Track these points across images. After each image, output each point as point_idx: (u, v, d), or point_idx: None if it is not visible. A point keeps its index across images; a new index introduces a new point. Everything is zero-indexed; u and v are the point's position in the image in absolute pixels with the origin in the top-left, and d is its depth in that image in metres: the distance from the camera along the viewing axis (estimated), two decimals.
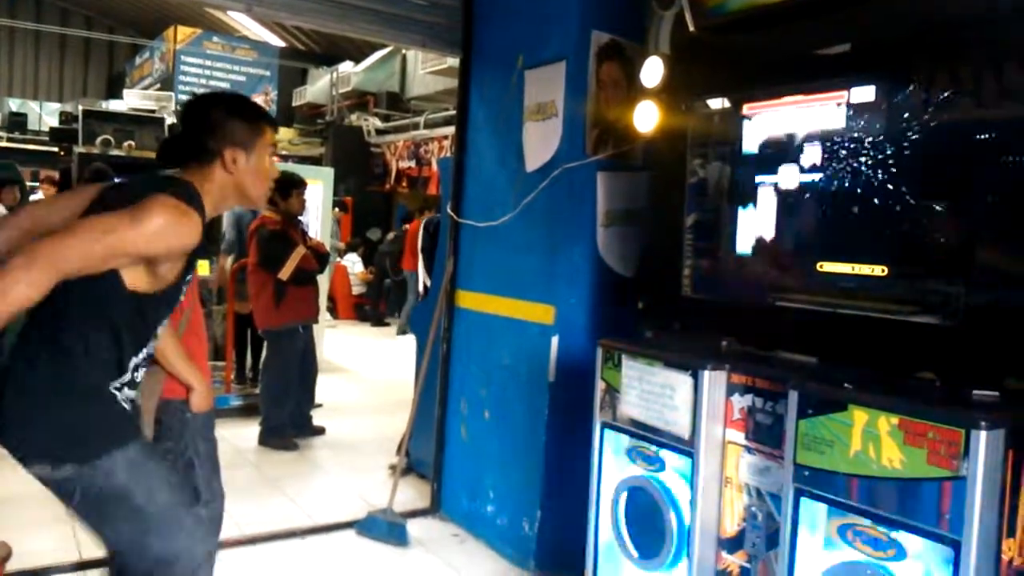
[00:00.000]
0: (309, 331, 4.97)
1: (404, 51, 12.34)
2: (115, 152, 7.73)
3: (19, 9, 19.30)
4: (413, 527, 3.57)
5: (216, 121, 1.83)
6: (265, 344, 5.10)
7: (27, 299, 1.51)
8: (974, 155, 1.87)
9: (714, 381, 2.24)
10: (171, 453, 2.27)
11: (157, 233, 1.63)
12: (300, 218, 5.04)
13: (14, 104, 17.24)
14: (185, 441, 2.32)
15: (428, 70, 11.24)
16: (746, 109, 2.39)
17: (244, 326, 5.76)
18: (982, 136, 1.86)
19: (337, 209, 10.98)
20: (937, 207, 1.95)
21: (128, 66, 18.82)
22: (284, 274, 4.63)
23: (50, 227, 1.85)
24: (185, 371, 2.22)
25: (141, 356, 1.83)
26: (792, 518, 1.94)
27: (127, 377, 1.80)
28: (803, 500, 1.92)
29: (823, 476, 1.86)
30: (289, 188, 4.79)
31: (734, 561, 2.24)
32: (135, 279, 1.70)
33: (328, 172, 8.10)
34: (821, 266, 2.17)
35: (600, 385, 2.58)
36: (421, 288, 8.57)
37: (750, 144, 2.38)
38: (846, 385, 1.87)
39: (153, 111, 9.42)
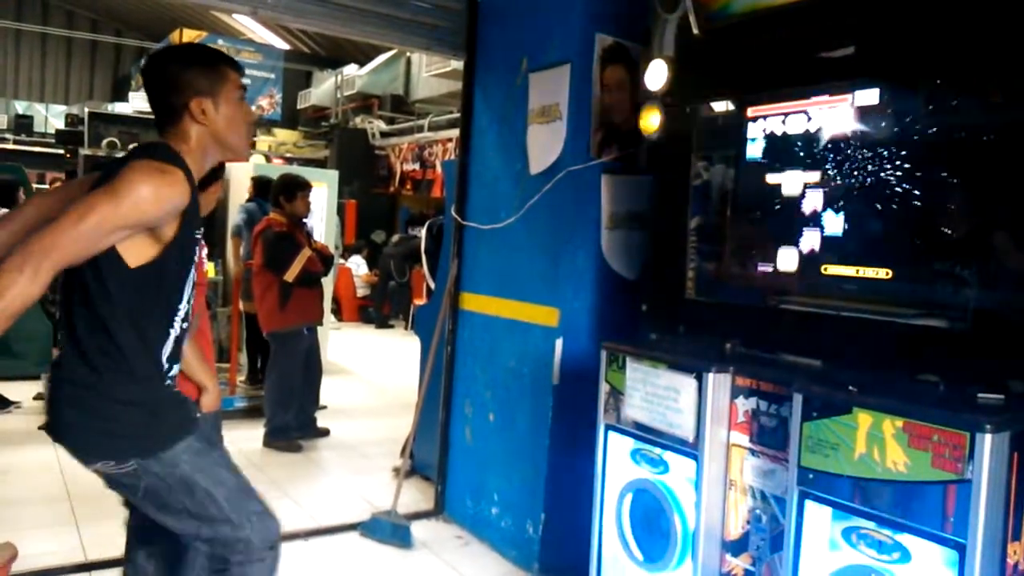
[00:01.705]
0: (314, 333, 4.98)
1: (408, 54, 12.34)
2: (121, 154, 7.76)
3: (25, 11, 19.37)
4: (417, 529, 3.57)
5: (174, 75, 1.76)
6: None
7: (28, 296, 1.49)
8: (979, 158, 1.87)
9: (718, 384, 2.23)
10: None
11: (143, 199, 1.59)
12: (305, 220, 5.05)
13: (20, 106, 17.31)
14: None
15: (432, 73, 11.24)
16: (750, 112, 2.39)
17: (255, 326, 5.79)
18: (987, 139, 1.86)
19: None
20: (942, 210, 1.95)
21: (134, 69, 18.87)
22: (290, 276, 4.64)
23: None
24: (199, 371, 2.23)
25: (176, 325, 1.80)
26: (796, 521, 1.93)
27: (169, 350, 1.79)
28: (807, 503, 1.92)
29: (827, 479, 1.86)
30: (294, 190, 4.79)
31: (738, 564, 2.23)
32: (136, 254, 1.67)
33: (333, 175, 8.12)
34: (825, 269, 2.17)
35: (604, 387, 2.58)
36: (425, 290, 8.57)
37: (754, 147, 2.38)
38: (850, 388, 1.86)
39: None
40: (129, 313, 1.70)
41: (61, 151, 11.98)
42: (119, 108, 12.05)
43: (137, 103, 11.69)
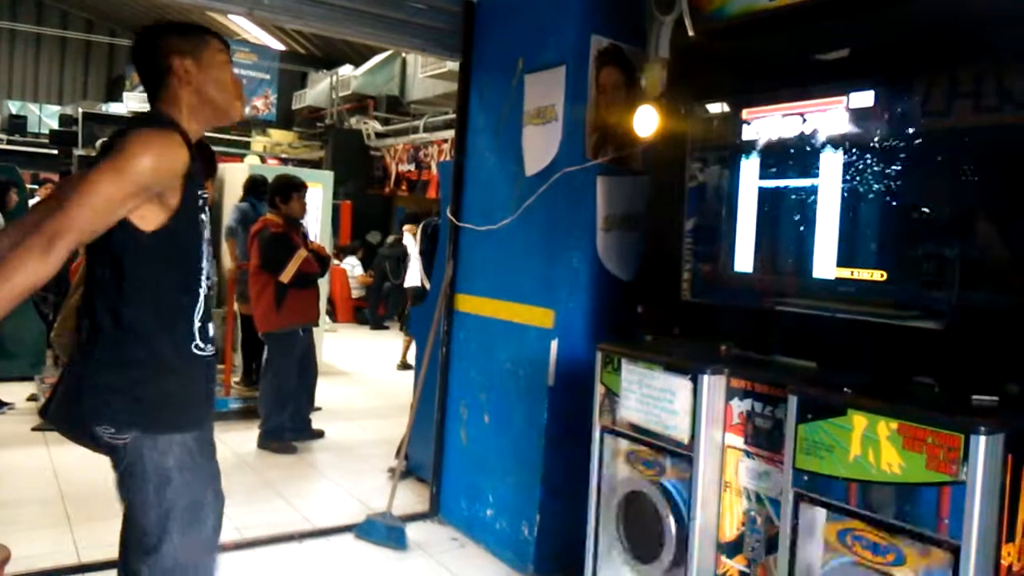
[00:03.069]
0: (309, 334, 4.97)
1: (404, 55, 12.34)
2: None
3: (20, 11, 19.30)
4: (412, 531, 3.56)
5: (154, 42, 1.81)
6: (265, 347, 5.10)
7: (41, 276, 1.51)
8: (973, 161, 1.88)
9: (713, 385, 2.24)
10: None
11: (146, 167, 1.61)
12: (301, 221, 5.05)
13: (14, 106, 17.22)
14: None
15: (428, 74, 11.24)
16: (745, 114, 2.40)
17: (250, 327, 5.80)
18: (982, 141, 1.86)
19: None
20: (936, 213, 1.96)
21: (128, 69, 18.78)
22: (285, 277, 4.64)
23: None
24: None
25: (204, 284, 1.81)
26: (791, 522, 1.94)
27: (201, 311, 1.80)
28: (802, 504, 1.92)
29: (822, 481, 1.86)
30: (289, 191, 4.79)
31: (733, 565, 2.24)
32: (150, 220, 1.68)
33: (328, 175, 8.11)
34: (821, 270, 2.17)
35: (599, 389, 2.58)
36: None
37: (749, 149, 2.39)
38: (845, 390, 1.87)
39: None
40: (156, 283, 1.71)
41: (55, 151, 11.94)
42: (113, 108, 12.02)
43: (131, 103, 11.66)
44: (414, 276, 7.94)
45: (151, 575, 1.77)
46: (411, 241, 8.29)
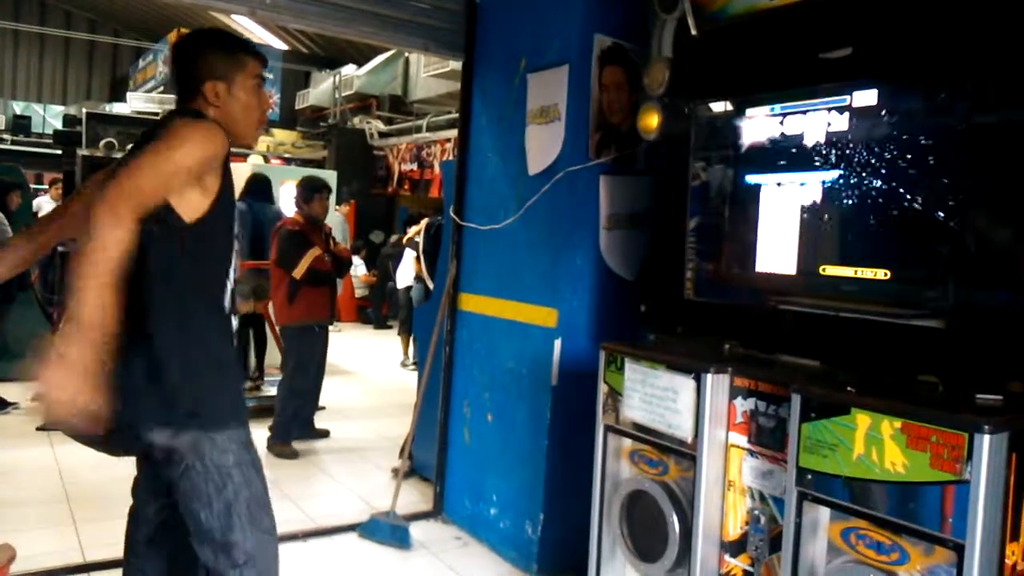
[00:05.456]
0: (325, 332, 5.03)
1: (407, 54, 12.34)
2: (118, 155, 7.76)
3: (23, 11, 19.35)
4: (416, 530, 3.57)
5: (194, 56, 1.85)
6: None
7: (122, 241, 1.52)
8: (977, 159, 1.88)
9: (717, 384, 2.24)
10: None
11: (196, 140, 1.67)
12: (323, 221, 5.11)
13: (18, 106, 17.26)
14: None
15: (431, 73, 11.23)
16: (748, 112, 2.39)
17: (255, 325, 6.03)
18: (985, 140, 1.86)
19: (342, 204, 11.04)
20: (940, 211, 1.95)
21: (132, 69, 18.87)
22: (297, 273, 4.75)
23: (71, 235, 1.94)
24: None
25: (231, 276, 1.86)
26: (795, 521, 1.94)
27: (228, 302, 1.85)
28: (806, 503, 1.92)
29: (826, 480, 1.86)
30: (312, 192, 4.93)
31: (737, 564, 2.24)
32: (192, 208, 1.71)
33: (331, 175, 8.13)
34: (824, 269, 2.17)
35: (603, 388, 2.58)
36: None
37: (752, 148, 2.38)
38: (849, 389, 1.87)
39: (156, 114, 9.44)
40: (195, 273, 1.75)
41: (59, 151, 11.93)
42: (117, 108, 12.03)
43: (135, 103, 11.68)
44: (407, 275, 8.07)
45: (230, 571, 1.80)
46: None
